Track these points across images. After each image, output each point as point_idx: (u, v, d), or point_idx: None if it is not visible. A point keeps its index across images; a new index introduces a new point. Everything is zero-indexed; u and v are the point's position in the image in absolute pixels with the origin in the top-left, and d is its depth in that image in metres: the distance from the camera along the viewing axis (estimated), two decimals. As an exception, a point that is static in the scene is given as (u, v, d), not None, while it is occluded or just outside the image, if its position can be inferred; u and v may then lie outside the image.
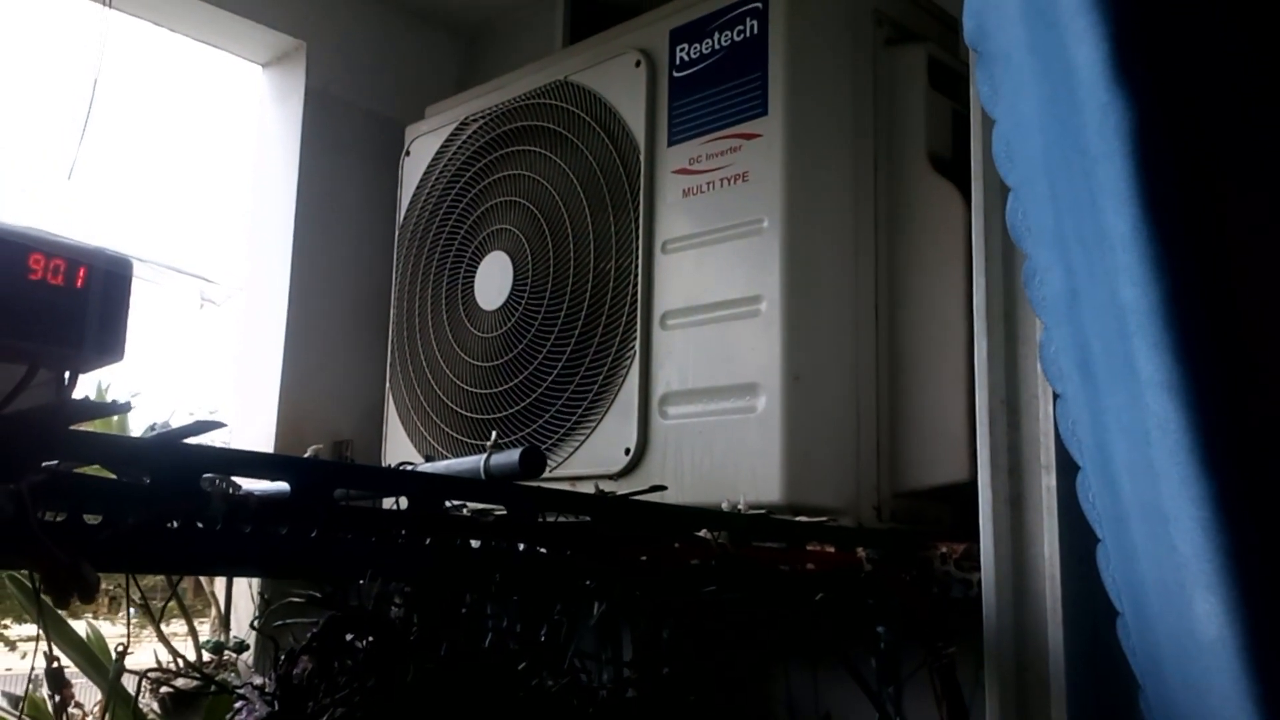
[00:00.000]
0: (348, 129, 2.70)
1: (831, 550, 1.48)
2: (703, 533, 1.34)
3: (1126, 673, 1.00)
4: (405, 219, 2.50)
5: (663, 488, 1.38)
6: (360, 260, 2.67)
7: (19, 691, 2.49)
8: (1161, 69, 0.84)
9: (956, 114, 1.88)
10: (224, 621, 1.75)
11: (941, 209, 1.79)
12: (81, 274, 0.75)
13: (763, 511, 1.52)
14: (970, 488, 1.53)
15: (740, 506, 1.56)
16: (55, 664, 0.94)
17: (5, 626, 8.66)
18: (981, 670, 1.49)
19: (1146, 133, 0.82)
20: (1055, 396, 1.00)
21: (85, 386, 0.80)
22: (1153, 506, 0.85)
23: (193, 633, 1.42)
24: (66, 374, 0.79)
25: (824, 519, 1.55)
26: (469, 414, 2.21)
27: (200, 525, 0.91)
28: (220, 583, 2.25)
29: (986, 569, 1.45)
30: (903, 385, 1.81)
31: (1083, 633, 1.37)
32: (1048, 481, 1.40)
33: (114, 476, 0.90)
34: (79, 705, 2.35)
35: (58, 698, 0.94)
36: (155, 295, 0.88)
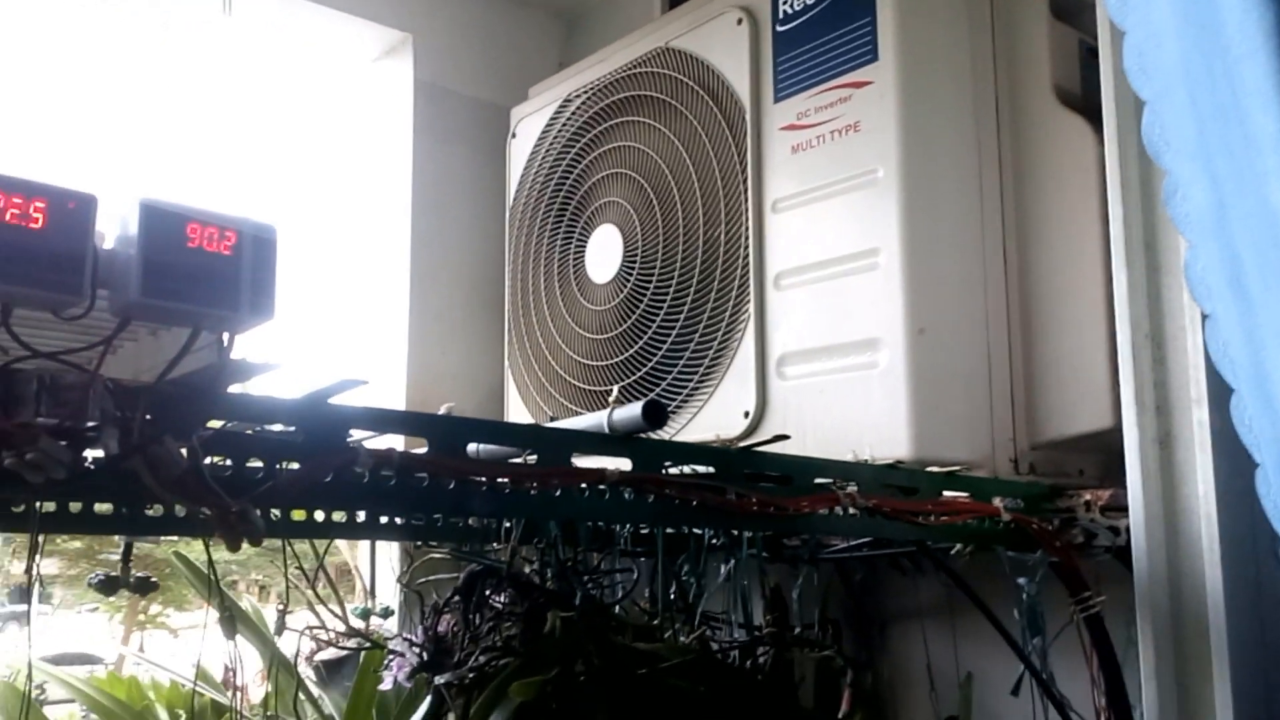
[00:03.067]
0: (456, 117, 2.75)
1: (967, 499, 1.45)
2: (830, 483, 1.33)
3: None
4: (514, 200, 2.53)
5: (786, 437, 1.37)
6: (475, 245, 2.72)
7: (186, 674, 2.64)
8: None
9: (1083, 44, 1.81)
10: (370, 590, 1.82)
11: (1071, 145, 1.73)
12: (232, 240, 0.78)
13: (892, 462, 1.50)
14: (1114, 435, 1.48)
15: (867, 459, 1.54)
16: (227, 613, 0.98)
17: (167, 616, 9.19)
18: (1133, 621, 1.43)
19: (1294, 26, 0.78)
20: (1204, 319, 0.96)
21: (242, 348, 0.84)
22: (1317, 421, 0.81)
23: (340, 604, 1.47)
24: (225, 336, 0.82)
25: (957, 469, 1.52)
26: (586, 386, 2.24)
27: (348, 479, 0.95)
28: (364, 556, 2.33)
29: (1135, 513, 1.40)
30: (1037, 331, 1.76)
31: (1243, 574, 1.31)
32: (1199, 415, 1.34)
33: (271, 433, 0.94)
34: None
35: (234, 643, 0.98)
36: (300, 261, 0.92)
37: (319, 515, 1.34)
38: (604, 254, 2.24)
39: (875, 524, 1.35)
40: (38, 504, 1.03)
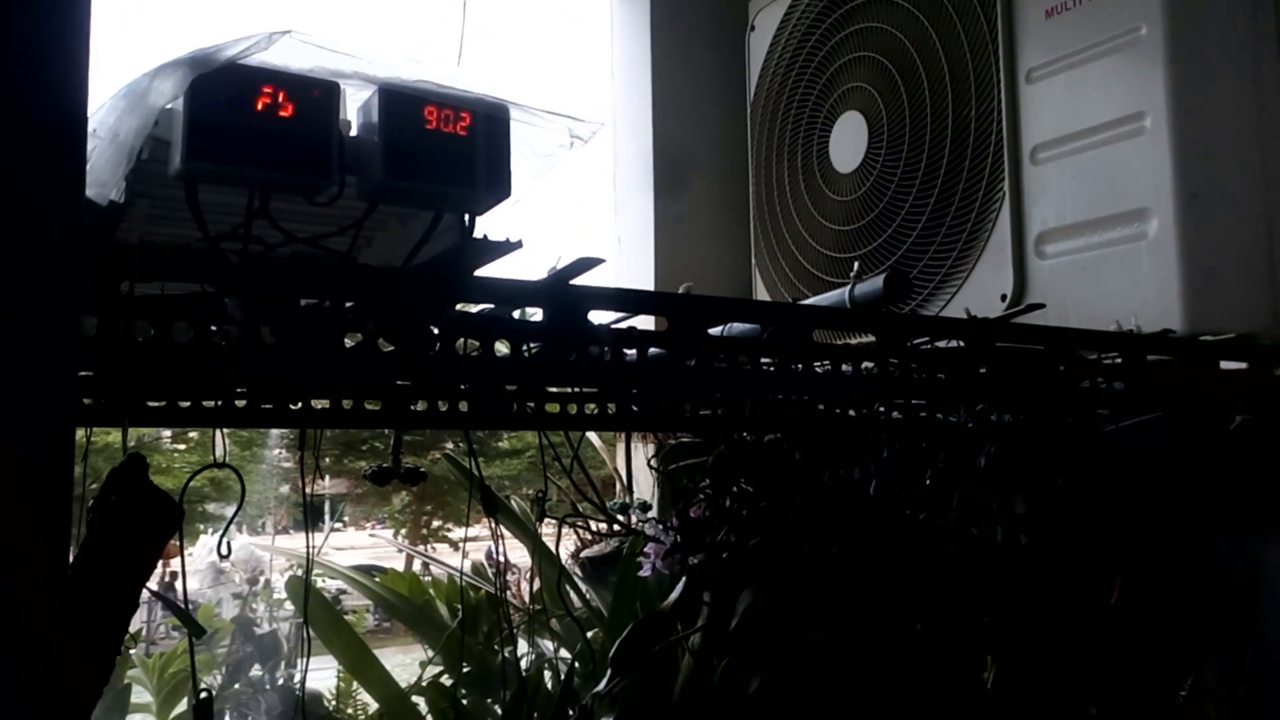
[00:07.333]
0: (693, 13, 2.74)
1: (1245, 368, 1.34)
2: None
3: None
4: (755, 94, 2.51)
5: (1040, 305, 1.31)
6: (717, 145, 2.72)
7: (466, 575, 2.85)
8: None
9: None
10: (627, 485, 1.90)
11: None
12: (467, 120, 0.82)
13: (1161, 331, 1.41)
14: None
15: (1134, 329, 1.45)
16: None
17: (449, 529, 9.98)
18: None
19: None
20: None
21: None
22: None
23: (599, 497, 1.55)
24: (466, 217, 0.87)
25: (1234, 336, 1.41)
26: (834, 280, 2.21)
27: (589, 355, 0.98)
28: (620, 454, 2.43)
29: None
30: (1324, 188, 1.59)
31: None
32: None
33: (515, 315, 0.99)
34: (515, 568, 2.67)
35: (495, 521, 1.06)
36: (529, 139, 0.95)
37: (571, 408, 1.41)
38: (848, 142, 2.19)
39: (1142, 396, 1.27)
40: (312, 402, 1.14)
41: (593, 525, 1.86)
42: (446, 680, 2.22)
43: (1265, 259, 1.57)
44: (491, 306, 1.01)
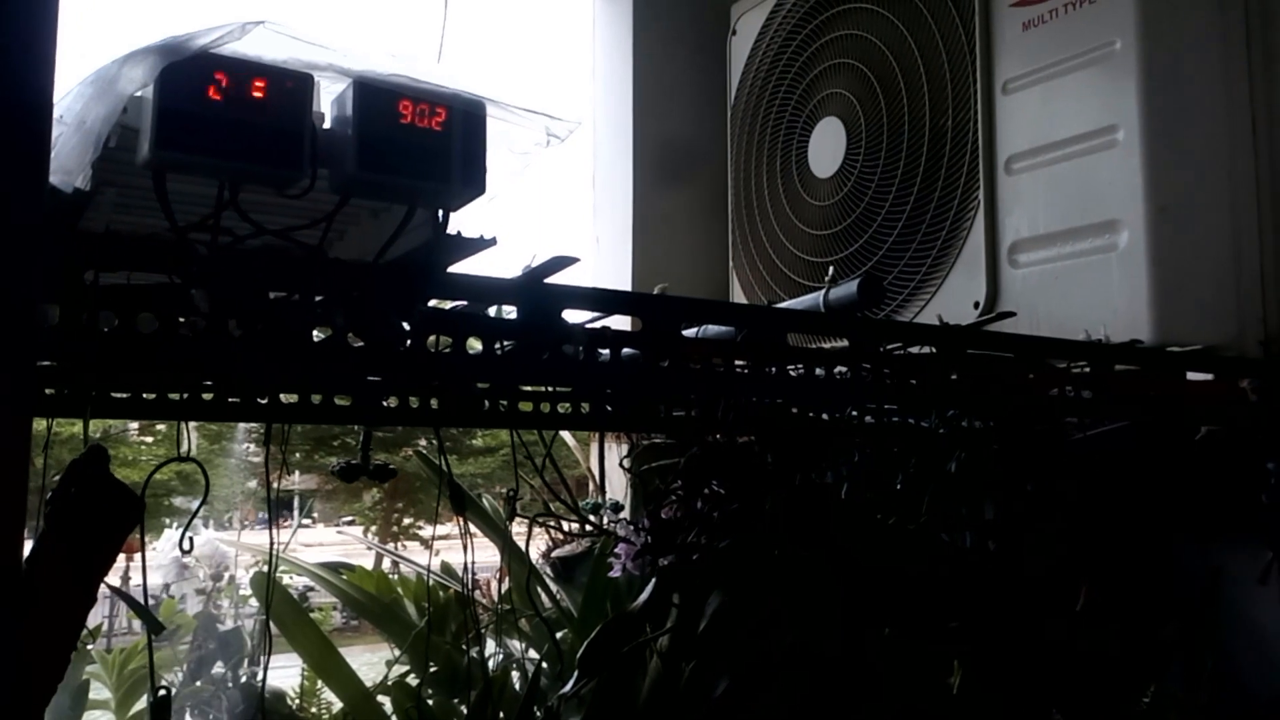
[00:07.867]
0: (676, 16, 2.74)
1: (1209, 379, 1.35)
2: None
3: None
4: (736, 98, 2.51)
5: (1011, 314, 1.31)
6: (698, 148, 2.73)
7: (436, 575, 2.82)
8: None
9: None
10: (600, 485, 1.90)
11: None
12: (443, 116, 0.81)
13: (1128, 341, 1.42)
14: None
15: (1102, 338, 1.46)
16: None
17: (420, 527, 9.96)
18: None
19: None
20: None
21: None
22: None
23: (572, 496, 1.54)
24: (440, 213, 0.86)
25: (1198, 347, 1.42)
26: (811, 284, 2.22)
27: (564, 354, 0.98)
28: (594, 454, 2.43)
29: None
30: (1291, 205, 1.61)
31: None
32: None
33: (489, 312, 0.99)
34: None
35: (463, 520, 1.05)
36: (505, 137, 0.94)
37: (545, 407, 1.40)
38: (827, 148, 2.20)
39: (1110, 405, 1.28)
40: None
41: (564, 525, 1.86)
42: (412, 679, 2.21)
43: (1232, 273, 1.59)
44: (464, 303, 1.00)
